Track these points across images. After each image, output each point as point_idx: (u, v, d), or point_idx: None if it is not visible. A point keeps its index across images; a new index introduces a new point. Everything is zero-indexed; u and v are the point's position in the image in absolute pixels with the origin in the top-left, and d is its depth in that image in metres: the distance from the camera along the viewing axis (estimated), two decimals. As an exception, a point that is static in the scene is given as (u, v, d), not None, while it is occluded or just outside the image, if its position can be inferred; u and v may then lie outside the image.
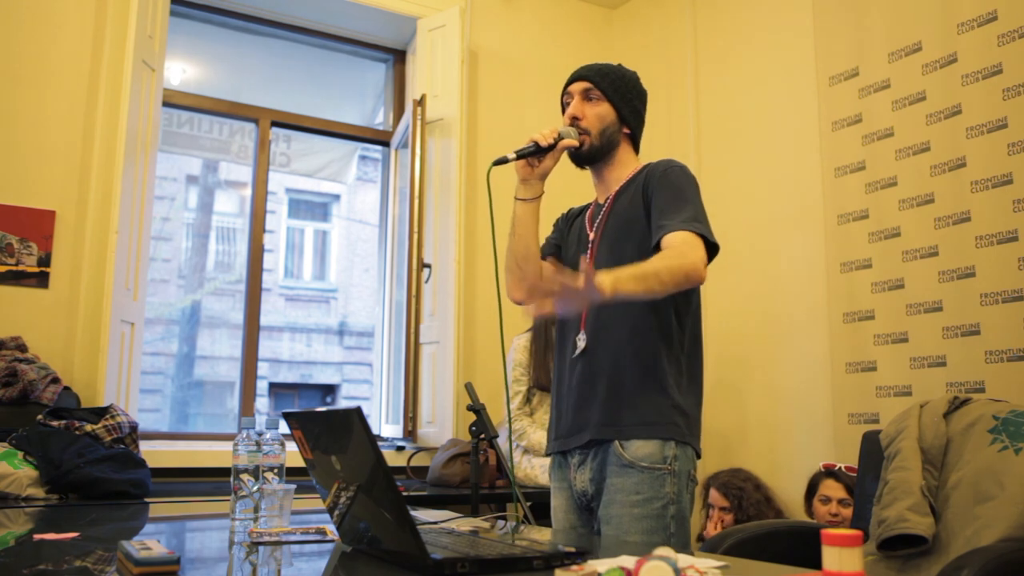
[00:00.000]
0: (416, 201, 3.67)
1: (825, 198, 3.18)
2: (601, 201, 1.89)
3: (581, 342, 1.76)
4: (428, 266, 3.70)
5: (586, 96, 1.83)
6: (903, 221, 2.90)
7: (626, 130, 1.86)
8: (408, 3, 3.94)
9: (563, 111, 1.88)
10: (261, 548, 1.33)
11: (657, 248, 1.65)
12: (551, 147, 1.77)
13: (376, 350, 4.17)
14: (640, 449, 1.65)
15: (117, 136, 3.11)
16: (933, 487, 2.18)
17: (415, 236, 3.64)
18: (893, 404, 2.82)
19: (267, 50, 4.21)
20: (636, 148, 1.91)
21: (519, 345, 3.32)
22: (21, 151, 3.06)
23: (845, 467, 2.80)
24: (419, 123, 3.73)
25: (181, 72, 4.51)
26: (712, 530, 3.04)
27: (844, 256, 3.09)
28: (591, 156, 1.83)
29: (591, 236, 1.84)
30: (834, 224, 3.14)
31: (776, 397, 3.35)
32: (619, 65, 1.89)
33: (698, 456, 1.74)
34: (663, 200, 1.70)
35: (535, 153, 1.76)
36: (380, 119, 4.48)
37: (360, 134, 4.36)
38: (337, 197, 9.68)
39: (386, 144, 4.22)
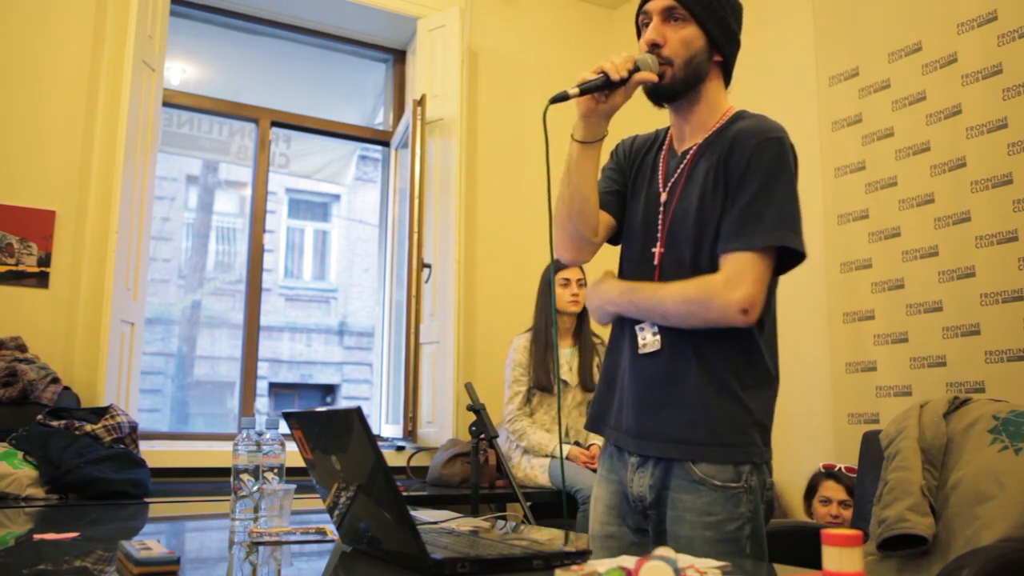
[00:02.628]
0: (416, 201, 3.67)
1: (825, 198, 3.18)
2: (679, 149, 1.55)
3: (654, 340, 1.48)
4: (428, 266, 3.70)
5: (668, 16, 1.47)
6: (903, 221, 2.90)
7: (717, 57, 1.52)
8: (408, 3, 3.94)
9: (638, 36, 1.53)
10: (261, 548, 1.33)
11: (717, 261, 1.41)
12: (623, 81, 1.42)
13: (376, 350, 4.17)
14: (711, 466, 1.42)
15: (117, 136, 3.11)
16: (933, 487, 2.18)
17: (415, 236, 3.64)
18: (893, 404, 2.82)
19: (267, 50, 4.22)
20: (728, 78, 1.57)
21: (519, 345, 3.32)
22: (21, 151, 3.06)
23: (845, 468, 2.80)
24: (419, 123, 3.73)
25: (181, 72, 4.52)
26: None
27: (844, 256, 3.09)
28: (673, 91, 1.49)
29: (663, 196, 1.52)
30: (834, 224, 3.14)
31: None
32: None
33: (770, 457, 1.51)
34: (744, 197, 1.41)
35: (603, 88, 1.42)
36: (380, 119, 4.49)
37: (360, 134, 4.37)
38: (337, 197, 9.68)
39: (386, 144, 4.22)
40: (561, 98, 1.40)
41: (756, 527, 1.45)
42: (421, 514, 1.66)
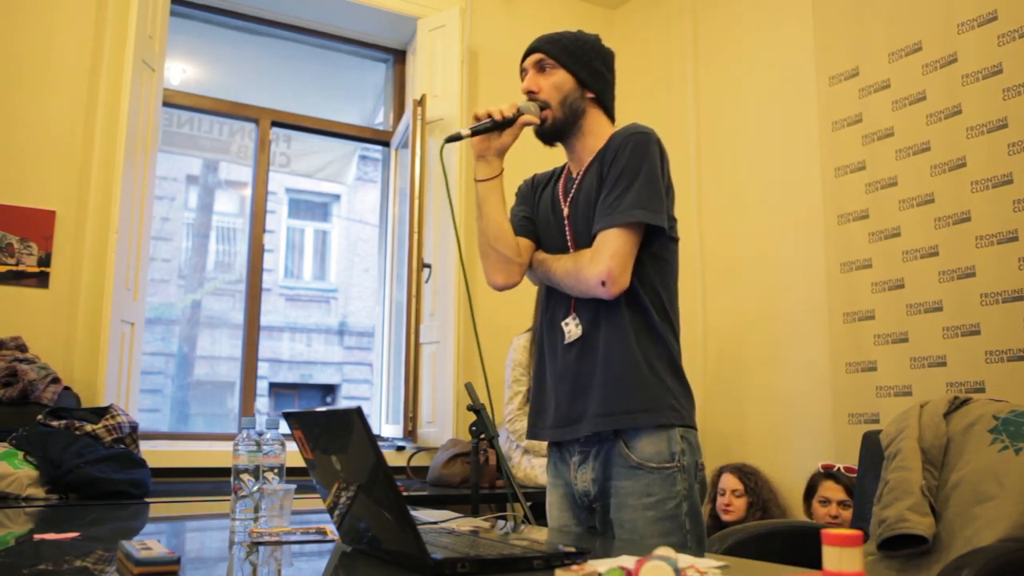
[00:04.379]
0: (416, 201, 3.67)
1: (825, 198, 3.18)
2: (574, 174, 1.76)
3: (577, 328, 1.66)
4: (428, 266, 3.70)
5: (540, 67, 1.73)
6: (903, 221, 2.90)
7: (590, 95, 1.73)
8: (408, 3, 3.94)
9: None
10: (261, 548, 1.33)
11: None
12: (509, 122, 1.68)
13: (376, 350, 4.17)
14: (646, 448, 1.57)
15: (117, 136, 3.11)
16: (933, 487, 2.18)
17: (415, 236, 3.64)
18: (893, 404, 2.82)
19: (267, 50, 4.22)
20: (609, 113, 1.78)
21: (519, 345, 3.32)
22: (21, 151, 3.06)
23: (844, 468, 2.80)
24: (419, 123, 3.73)
25: (181, 72, 4.52)
26: (722, 514, 3.06)
27: (844, 256, 3.09)
28: (556, 129, 1.72)
29: (565, 211, 1.74)
30: (834, 224, 3.14)
31: (776, 397, 3.35)
32: (578, 31, 1.79)
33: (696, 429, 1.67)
34: (609, 185, 1.61)
35: (492, 129, 1.67)
36: (380, 119, 4.49)
37: (360, 134, 4.36)
38: (337, 197, 9.68)
39: (386, 144, 4.22)
40: (455, 138, 1.67)
41: (692, 504, 1.59)
42: (421, 514, 1.66)
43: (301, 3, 3.86)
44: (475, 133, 1.66)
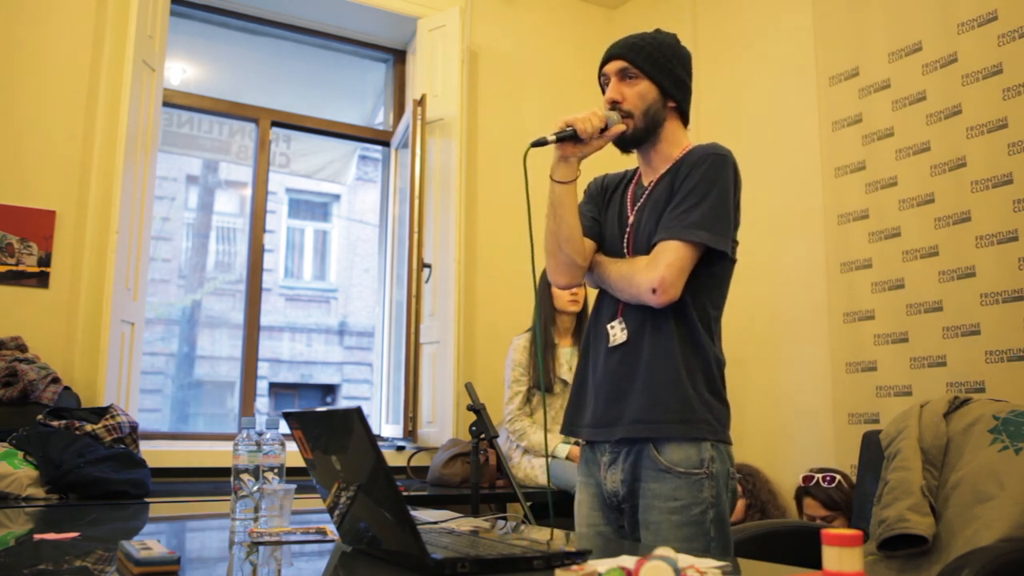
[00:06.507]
0: (416, 201, 3.67)
1: (825, 198, 3.18)
2: (646, 183, 1.77)
3: (622, 333, 1.67)
4: (428, 266, 3.70)
5: (623, 76, 1.71)
6: (903, 221, 2.90)
7: (671, 104, 1.74)
8: (408, 3, 3.94)
9: (603, 92, 1.75)
10: (261, 548, 1.33)
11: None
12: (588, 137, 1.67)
13: (376, 350, 4.17)
14: (675, 453, 1.58)
15: (117, 136, 3.11)
16: (933, 487, 2.18)
17: (415, 236, 3.64)
18: (893, 404, 2.82)
19: (267, 50, 4.22)
20: (685, 119, 1.78)
21: (519, 345, 3.32)
22: (21, 151, 3.06)
23: (822, 478, 2.76)
24: (419, 123, 3.73)
25: (181, 72, 4.51)
26: None
27: (844, 256, 3.09)
28: (637, 139, 1.72)
29: (630, 219, 1.74)
30: (834, 224, 3.14)
31: (776, 397, 3.35)
32: (656, 31, 1.77)
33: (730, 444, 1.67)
34: (679, 198, 1.63)
35: (572, 139, 1.66)
36: (380, 119, 4.49)
37: (360, 134, 4.36)
38: (337, 197, 9.68)
39: (386, 144, 4.22)
40: (540, 143, 1.66)
41: (719, 512, 1.58)
42: (421, 514, 1.66)
43: (301, 3, 3.86)
44: (559, 140, 1.67)
